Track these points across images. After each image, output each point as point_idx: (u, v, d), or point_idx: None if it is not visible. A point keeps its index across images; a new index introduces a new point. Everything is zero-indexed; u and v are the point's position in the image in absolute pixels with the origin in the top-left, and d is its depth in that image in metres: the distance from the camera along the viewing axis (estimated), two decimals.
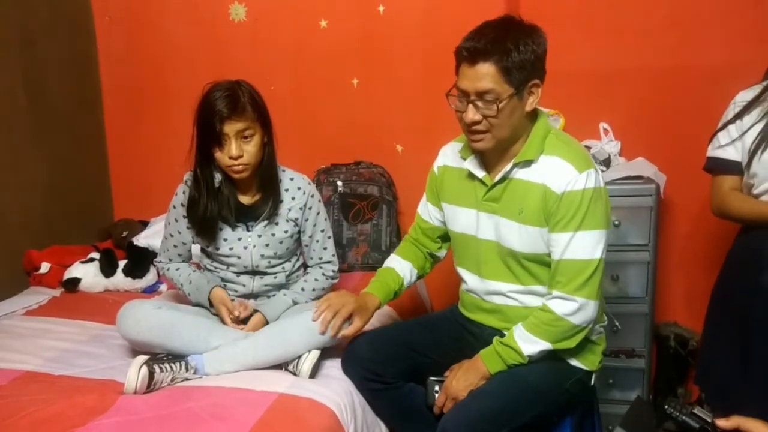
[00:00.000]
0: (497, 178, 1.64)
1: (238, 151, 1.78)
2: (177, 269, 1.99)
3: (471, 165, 1.69)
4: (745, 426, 1.16)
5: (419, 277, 1.91)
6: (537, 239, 1.61)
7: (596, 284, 1.58)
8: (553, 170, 1.58)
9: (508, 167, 1.62)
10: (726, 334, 1.79)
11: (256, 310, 1.92)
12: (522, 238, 1.62)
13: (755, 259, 1.70)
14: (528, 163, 1.61)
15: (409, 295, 2.38)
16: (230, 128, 1.77)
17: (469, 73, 1.52)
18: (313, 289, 1.97)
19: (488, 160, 1.68)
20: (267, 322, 1.88)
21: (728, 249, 1.85)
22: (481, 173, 1.68)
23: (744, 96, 1.76)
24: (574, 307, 1.56)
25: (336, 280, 2.03)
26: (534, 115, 1.63)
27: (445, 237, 1.86)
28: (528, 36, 1.52)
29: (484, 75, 1.50)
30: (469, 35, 1.54)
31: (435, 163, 1.84)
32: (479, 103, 1.53)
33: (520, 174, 1.62)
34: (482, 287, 1.74)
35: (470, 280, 1.77)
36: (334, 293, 1.83)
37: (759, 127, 1.69)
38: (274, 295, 1.97)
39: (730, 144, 1.75)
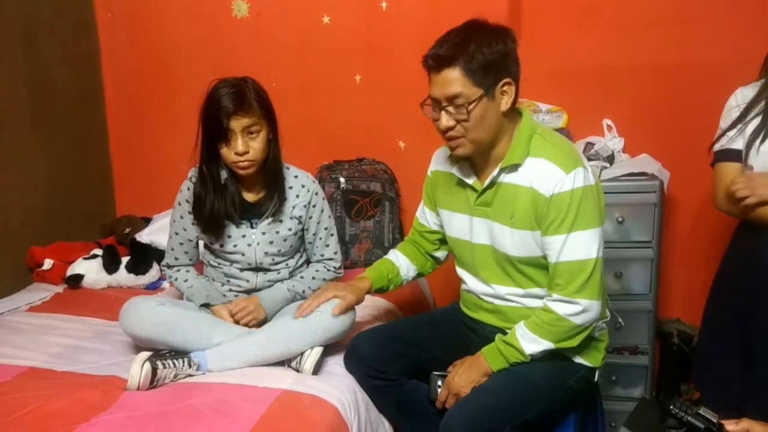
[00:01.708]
0: (486, 183, 1.64)
1: (245, 147, 1.78)
2: (185, 280, 1.97)
3: (459, 171, 1.70)
4: (754, 430, 1.15)
5: (419, 275, 1.92)
6: (530, 243, 1.60)
7: (596, 284, 1.57)
8: (540, 173, 1.56)
9: (495, 172, 1.61)
10: (725, 333, 1.79)
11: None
12: (515, 242, 1.62)
13: (753, 257, 1.69)
14: (515, 167, 1.60)
15: (411, 291, 2.39)
16: (236, 124, 1.76)
17: (437, 80, 1.54)
18: (313, 278, 1.97)
19: (475, 165, 1.68)
20: (261, 306, 1.89)
21: None
22: (470, 179, 1.68)
23: (744, 92, 1.76)
24: (576, 309, 1.55)
25: (339, 275, 2.03)
26: (515, 115, 1.62)
27: (444, 240, 1.87)
28: (493, 37, 1.52)
29: (451, 80, 1.51)
30: (434, 44, 1.55)
31: (429, 168, 1.85)
32: (450, 109, 1.54)
33: (508, 178, 1.61)
34: (482, 289, 1.74)
35: (470, 281, 1.77)
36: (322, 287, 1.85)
37: (758, 120, 1.70)
38: None
39: (735, 136, 1.74)
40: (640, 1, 2.43)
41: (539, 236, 1.59)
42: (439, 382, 1.67)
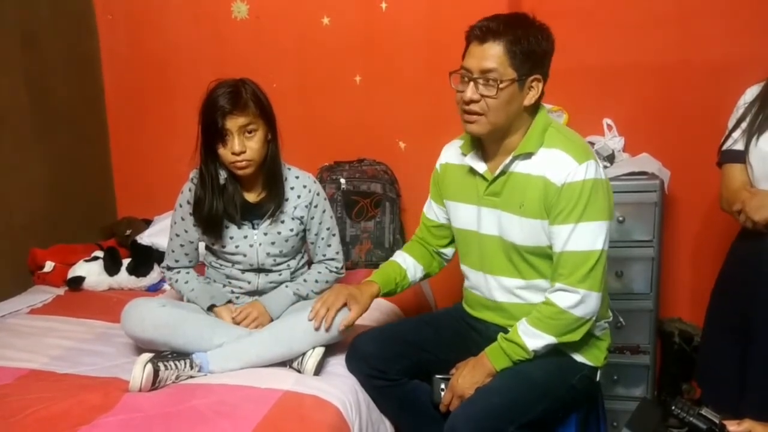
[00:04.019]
0: (497, 171, 1.64)
1: (241, 146, 1.78)
2: (186, 282, 1.96)
3: (471, 160, 1.70)
4: (756, 431, 1.15)
5: (426, 275, 1.91)
6: (539, 232, 1.61)
7: (599, 276, 1.57)
8: (552, 162, 1.58)
9: (507, 160, 1.62)
10: (725, 332, 1.80)
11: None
12: (524, 231, 1.62)
13: (754, 259, 1.70)
14: (528, 155, 1.61)
15: (413, 292, 2.39)
16: (232, 123, 1.77)
17: (477, 52, 1.55)
18: (316, 281, 1.97)
19: (488, 153, 1.68)
20: (267, 314, 1.89)
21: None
22: (481, 168, 1.68)
23: (752, 91, 1.76)
24: (576, 299, 1.56)
25: (341, 276, 2.03)
26: (534, 111, 1.64)
27: (452, 234, 1.86)
28: (540, 31, 1.56)
29: (492, 55, 1.53)
30: (482, 19, 1.57)
31: (438, 161, 1.85)
32: (480, 82, 1.55)
33: (520, 167, 1.62)
34: (485, 283, 1.74)
35: (474, 276, 1.77)
36: (329, 290, 1.82)
37: (757, 118, 1.71)
38: None
39: (738, 136, 1.75)
40: (640, 1, 2.43)
41: (547, 225, 1.59)
42: (442, 386, 1.67)
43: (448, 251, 1.91)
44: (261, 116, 1.82)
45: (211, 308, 1.90)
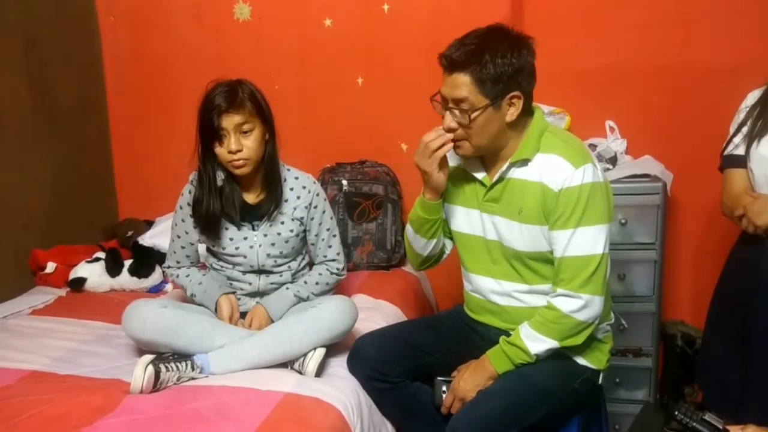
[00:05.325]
0: (495, 178, 1.64)
1: (237, 145, 1.79)
2: (187, 276, 1.97)
3: (470, 166, 1.70)
4: None
5: (440, 252, 1.84)
6: (538, 238, 1.61)
7: (600, 280, 1.57)
8: (549, 167, 1.58)
9: (504, 167, 1.62)
10: (726, 336, 1.80)
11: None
12: (524, 237, 1.62)
13: (755, 260, 1.70)
14: (525, 162, 1.61)
15: (414, 294, 2.39)
16: (228, 122, 1.78)
17: (448, 81, 1.55)
18: (317, 283, 1.97)
19: (486, 160, 1.68)
20: (269, 318, 1.89)
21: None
22: (480, 174, 1.68)
23: (754, 95, 1.76)
24: (579, 304, 1.55)
25: (342, 277, 2.03)
26: (525, 118, 1.62)
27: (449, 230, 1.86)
28: (510, 49, 1.52)
29: (460, 84, 1.53)
30: (452, 43, 1.56)
31: None
32: (456, 111, 1.55)
33: (517, 173, 1.62)
34: (488, 287, 1.73)
35: (476, 280, 1.76)
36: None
37: (757, 124, 1.70)
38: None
39: (739, 141, 1.74)
40: (643, 2, 2.43)
41: (547, 231, 1.59)
42: (444, 388, 1.67)
43: (447, 243, 1.88)
44: (257, 115, 1.82)
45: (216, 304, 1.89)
